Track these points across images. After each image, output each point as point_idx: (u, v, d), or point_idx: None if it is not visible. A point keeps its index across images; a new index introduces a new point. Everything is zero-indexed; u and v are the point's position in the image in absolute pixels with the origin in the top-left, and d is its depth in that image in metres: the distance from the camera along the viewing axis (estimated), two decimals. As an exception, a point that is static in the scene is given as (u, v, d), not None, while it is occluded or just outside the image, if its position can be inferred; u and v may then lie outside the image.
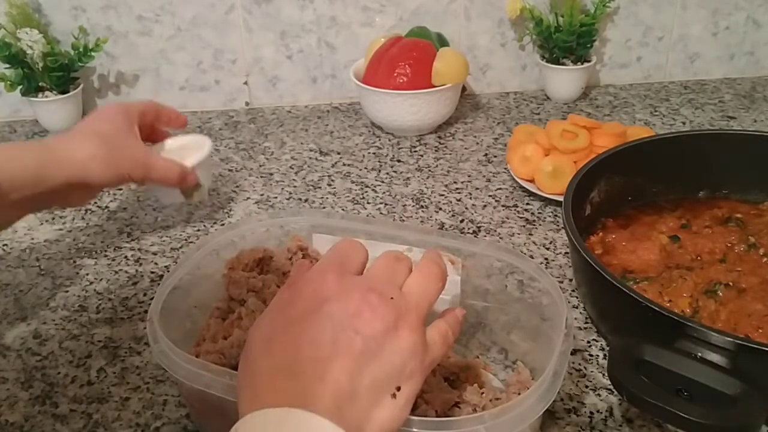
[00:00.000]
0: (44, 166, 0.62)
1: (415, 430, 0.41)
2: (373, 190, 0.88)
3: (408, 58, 0.96)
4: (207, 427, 0.54)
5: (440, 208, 0.84)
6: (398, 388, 0.38)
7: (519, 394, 0.45)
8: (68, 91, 1.03)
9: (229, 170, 0.94)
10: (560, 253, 0.75)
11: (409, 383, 0.39)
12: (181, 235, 0.80)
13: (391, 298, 0.40)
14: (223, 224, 0.82)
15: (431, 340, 0.42)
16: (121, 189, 0.91)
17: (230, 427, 0.36)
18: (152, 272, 0.74)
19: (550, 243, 0.76)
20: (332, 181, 0.90)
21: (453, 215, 0.82)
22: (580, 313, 0.66)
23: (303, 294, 0.41)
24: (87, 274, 0.74)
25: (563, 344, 0.47)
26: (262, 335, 0.40)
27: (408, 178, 0.90)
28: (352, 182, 0.90)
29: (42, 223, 0.84)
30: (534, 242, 0.77)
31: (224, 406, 0.48)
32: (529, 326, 0.57)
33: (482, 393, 0.50)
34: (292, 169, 0.94)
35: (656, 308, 0.51)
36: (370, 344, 0.38)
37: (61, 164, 0.63)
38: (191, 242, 0.79)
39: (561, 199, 0.68)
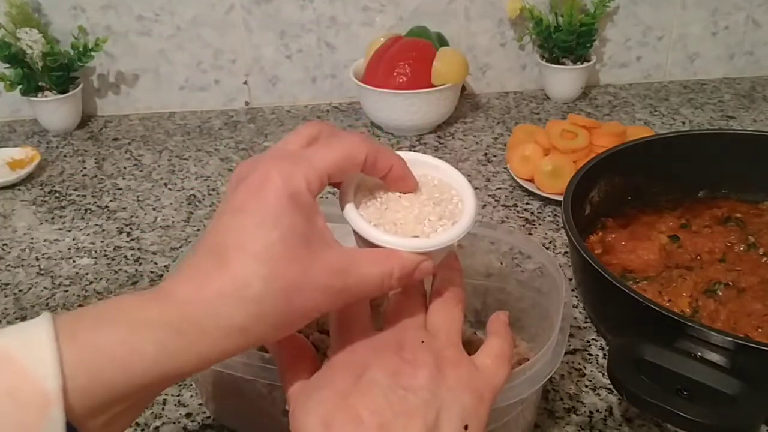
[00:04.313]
0: (168, 354, 0.34)
1: None
2: (372, 189, 0.88)
3: (408, 58, 0.96)
4: (222, 409, 0.55)
5: (440, 208, 0.84)
6: (466, 427, 0.37)
7: (519, 364, 0.46)
8: (68, 91, 1.03)
9: (230, 170, 0.94)
10: (560, 252, 0.75)
11: (474, 419, 0.38)
12: (181, 234, 0.80)
13: (422, 342, 0.39)
14: (222, 224, 0.82)
15: (483, 366, 0.40)
16: (120, 189, 0.91)
17: (245, 408, 0.35)
18: (152, 272, 0.74)
19: (550, 243, 0.76)
20: (332, 180, 0.90)
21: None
22: (580, 312, 0.66)
23: (338, 370, 0.39)
24: (87, 274, 0.74)
25: (564, 308, 0.49)
26: (316, 421, 0.37)
27: (408, 178, 0.90)
28: (352, 182, 0.90)
29: (42, 223, 0.84)
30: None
31: (240, 387, 0.48)
32: (528, 303, 0.57)
33: None
34: (292, 168, 0.94)
35: (656, 308, 0.51)
36: (422, 396, 0.37)
37: (191, 343, 0.34)
38: (191, 242, 0.79)
39: (561, 198, 0.68)
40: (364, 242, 0.40)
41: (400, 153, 0.42)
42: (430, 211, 0.41)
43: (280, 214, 0.35)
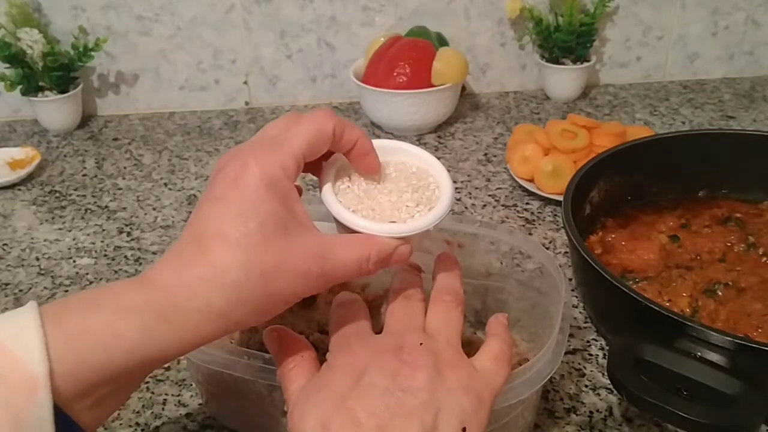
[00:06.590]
0: (151, 337, 0.35)
1: None
2: (372, 189, 0.88)
3: (408, 58, 0.96)
4: (222, 409, 0.55)
5: (440, 208, 0.84)
6: (464, 429, 0.37)
7: (519, 365, 0.46)
8: (68, 91, 1.03)
9: (229, 170, 0.94)
10: (560, 252, 0.75)
11: (473, 421, 0.37)
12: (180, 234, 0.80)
13: (421, 344, 0.39)
14: (222, 224, 0.82)
15: (483, 367, 0.40)
16: (120, 189, 0.91)
17: (245, 408, 0.35)
18: (152, 272, 0.74)
19: (550, 243, 0.76)
20: (332, 180, 0.90)
21: (452, 215, 0.82)
22: (580, 312, 0.66)
23: (337, 372, 0.39)
24: (87, 274, 0.74)
25: (564, 308, 0.49)
26: (315, 423, 0.37)
27: (408, 178, 0.90)
28: (352, 182, 0.90)
29: (42, 223, 0.84)
30: (534, 242, 0.77)
31: (240, 387, 0.48)
32: (528, 303, 0.57)
33: None
34: (292, 168, 0.94)
35: (656, 308, 0.51)
36: (420, 397, 0.37)
37: (173, 327, 0.36)
38: (191, 242, 0.79)
39: (561, 198, 0.68)
40: (343, 227, 0.41)
41: (380, 139, 0.44)
42: (408, 197, 0.42)
43: (258, 202, 0.37)
